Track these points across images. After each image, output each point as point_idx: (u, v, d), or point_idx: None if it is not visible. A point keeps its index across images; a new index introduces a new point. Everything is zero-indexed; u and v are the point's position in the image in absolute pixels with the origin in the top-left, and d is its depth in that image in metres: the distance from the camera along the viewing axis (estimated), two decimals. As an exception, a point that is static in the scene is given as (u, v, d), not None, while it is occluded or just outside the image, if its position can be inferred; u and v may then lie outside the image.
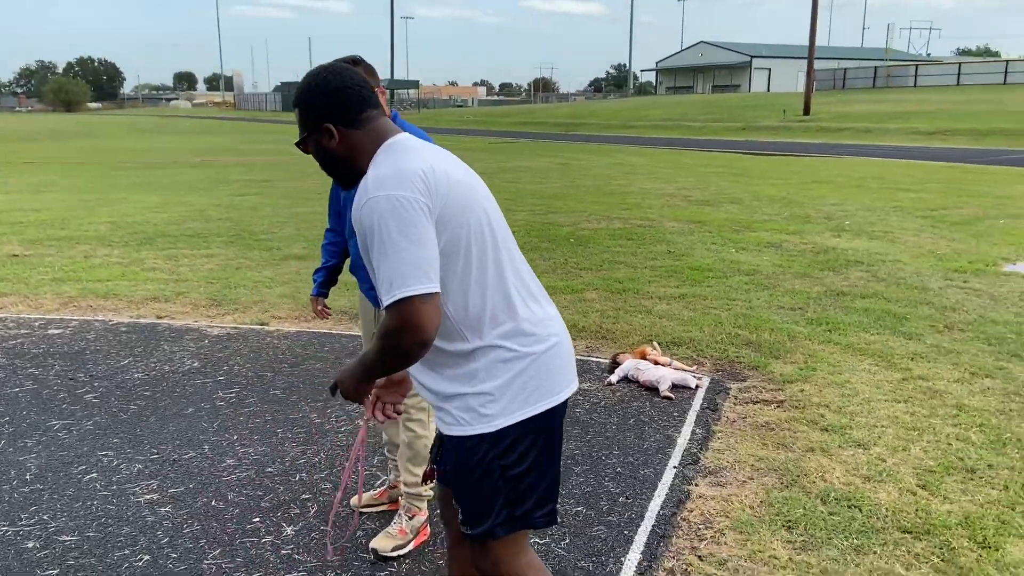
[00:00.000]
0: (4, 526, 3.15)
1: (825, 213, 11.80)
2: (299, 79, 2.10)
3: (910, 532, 3.13)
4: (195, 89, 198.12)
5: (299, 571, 2.89)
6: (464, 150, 27.63)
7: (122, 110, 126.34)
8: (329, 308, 3.41)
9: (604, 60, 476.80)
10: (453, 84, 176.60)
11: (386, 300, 1.79)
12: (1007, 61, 59.30)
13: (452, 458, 1.99)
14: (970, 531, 3.12)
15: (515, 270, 2.01)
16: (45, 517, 3.22)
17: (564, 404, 2.03)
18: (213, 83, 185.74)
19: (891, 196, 13.90)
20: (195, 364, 5.06)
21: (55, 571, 2.86)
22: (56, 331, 5.77)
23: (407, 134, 2.01)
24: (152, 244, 9.07)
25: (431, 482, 2.18)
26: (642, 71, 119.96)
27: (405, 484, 3.11)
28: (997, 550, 3.00)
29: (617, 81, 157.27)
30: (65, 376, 4.83)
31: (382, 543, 3.00)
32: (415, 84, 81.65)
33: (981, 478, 3.56)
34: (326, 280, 3.32)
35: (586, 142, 33.39)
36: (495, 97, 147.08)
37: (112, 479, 3.54)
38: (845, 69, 63.14)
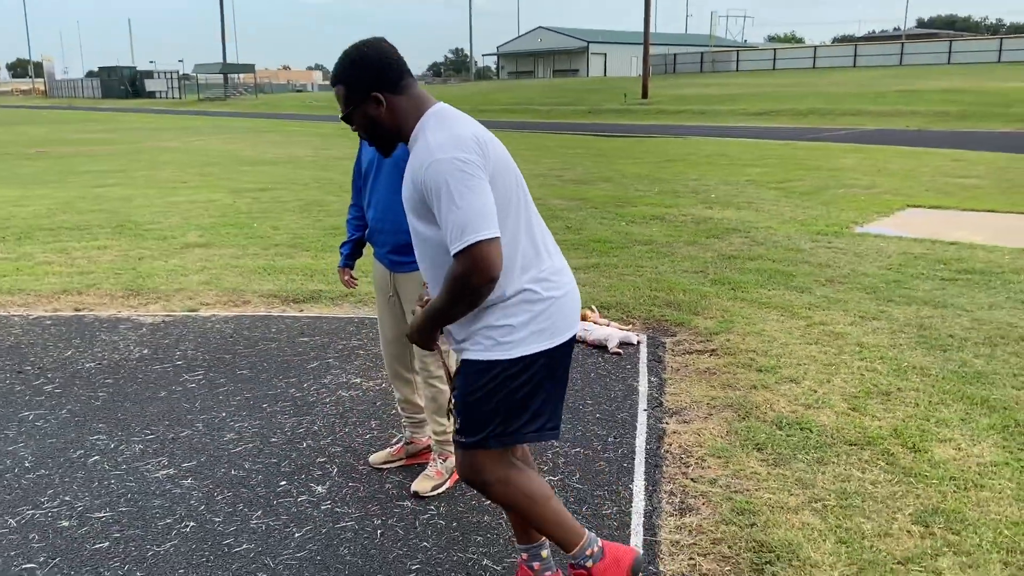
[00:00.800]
0: (29, 510, 3.14)
1: (690, 188, 12.69)
2: (119, 63, 2.32)
3: (855, 444, 3.70)
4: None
5: (346, 521, 3.09)
6: (320, 135, 27.21)
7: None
8: (356, 278, 3.56)
9: (441, 45, 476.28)
10: (286, 68, 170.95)
11: (457, 246, 2.04)
12: (815, 47, 64.45)
13: (464, 377, 2.29)
14: (901, 439, 3.73)
15: (539, 225, 2.32)
16: (67, 498, 3.23)
17: (569, 341, 2.33)
18: (18, 69, 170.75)
19: (740, 171, 15.06)
20: (144, 351, 5.01)
21: (104, 544, 2.92)
22: (-27, 328, 5.49)
23: (443, 103, 2.27)
24: (32, 238, 8.59)
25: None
26: (483, 56, 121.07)
27: (434, 433, 3.35)
28: (926, 452, 3.61)
29: (456, 66, 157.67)
30: (11, 370, 4.67)
31: (422, 485, 3.26)
32: (250, 68, 78.47)
33: (896, 399, 4.21)
34: (352, 252, 3.48)
35: (439, 127, 33.51)
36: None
37: (117, 460, 3.56)
38: (675, 55, 66.50)
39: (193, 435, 3.82)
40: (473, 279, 2.05)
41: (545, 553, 2.64)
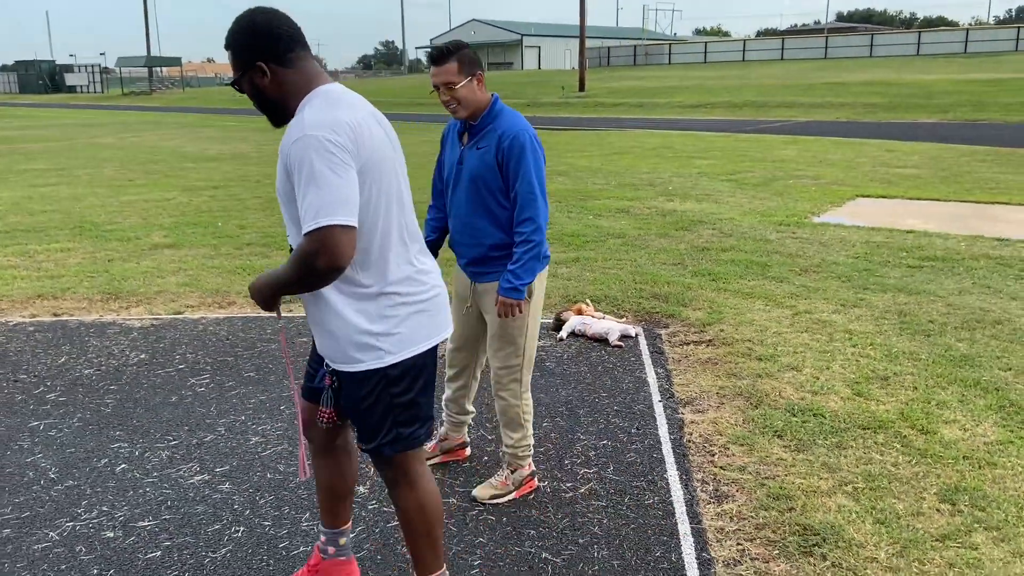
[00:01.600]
0: (67, 522, 3.06)
1: (646, 180, 12.88)
2: (37, 57, 2.30)
3: (868, 428, 3.86)
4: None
5: (395, 520, 3.07)
6: (258, 130, 26.69)
7: None
8: None
9: (371, 37, 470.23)
10: (211, 61, 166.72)
11: (310, 225, 1.97)
12: (744, 41, 65.89)
13: (347, 390, 2.27)
14: (909, 422, 3.91)
15: (411, 225, 2.29)
16: (104, 508, 3.15)
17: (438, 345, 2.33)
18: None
19: (689, 163, 15.35)
20: (142, 356, 4.88)
21: (157, 553, 2.87)
22: (-50, 336, 5.27)
23: (338, 84, 2.20)
24: (-15, 241, 8.26)
25: (327, 422, 2.38)
26: (417, 48, 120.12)
27: (505, 445, 3.29)
28: (935, 433, 3.79)
29: (387, 58, 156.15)
30: (6, 379, 4.50)
31: (481, 492, 3.27)
32: (177, 61, 76.24)
33: (894, 383, 4.39)
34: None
35: (379, 121, 33.23)
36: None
37: (147, 467, 3.49)
38: (609, 48, 67.08)
39: (217, 439, 3.76)
40: (319, 262, 1.98)
41: (343, 540, 2.65)
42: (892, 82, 35.53)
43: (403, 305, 2.20)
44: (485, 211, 3.03)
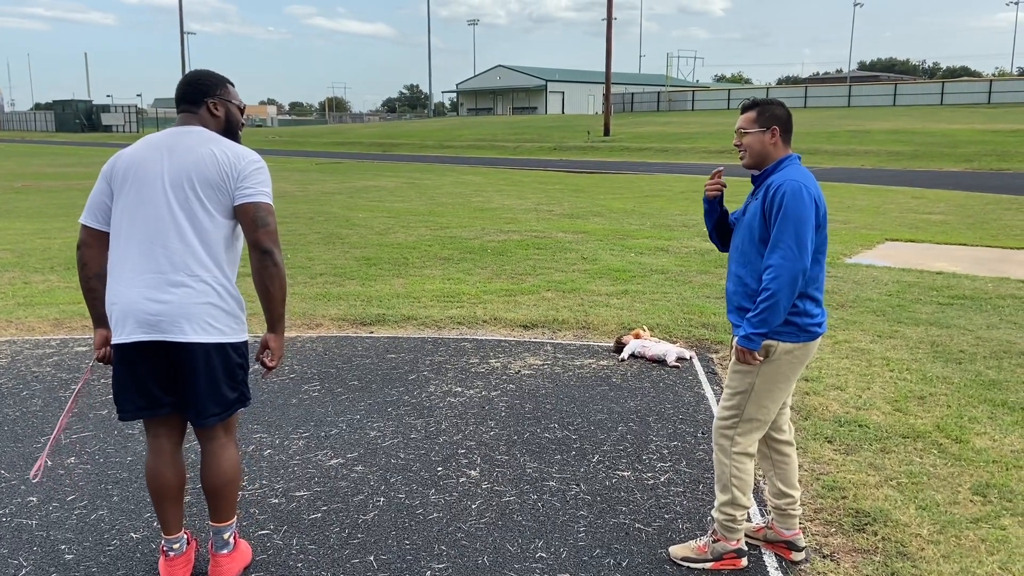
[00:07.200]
0: (236, 492, 3.64)
1: (680, 222, 13.50)
2: (74, 96, 3.21)
3: (908, 437, 4.39)
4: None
5: (507, 497, 3.66)
6: (296, 170, 27.66)
7: None
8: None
9: (394, 81, 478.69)
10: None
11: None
12: (767, 88, 66.87)
13: None
14: (944, 433, 4.43)
15: (137, 248, 2.72)
16: (264, 482, 3.74)
17: (129, 345, 2.72)
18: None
19: (721, 207, 15.91)
20: (255, 367, 5.49)
21: (318, 515, 3.45)
22: (82, 348, 5.92)
23: (171, 128, 2.89)
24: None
25: None
26: (443, 92, 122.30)
27: (714, 507, 3.17)
28: (968, 442, 4.31)
29: (411, 102, 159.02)
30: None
31: (676, 548, 3.20)
32: (210, 103, 78.32)
33: (930, 402, 4.92)
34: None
35: (412, 162, 34.24)
36: (287, 116, 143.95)
37: (289, 452, 4.09)
38: (632, 93, 68.29)
39: (342, 433, 4.35)
40: None
41: (178, 544, 2.97)
42: (917, 131, 36.11)
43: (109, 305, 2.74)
44: (747, 260, 3.00)
